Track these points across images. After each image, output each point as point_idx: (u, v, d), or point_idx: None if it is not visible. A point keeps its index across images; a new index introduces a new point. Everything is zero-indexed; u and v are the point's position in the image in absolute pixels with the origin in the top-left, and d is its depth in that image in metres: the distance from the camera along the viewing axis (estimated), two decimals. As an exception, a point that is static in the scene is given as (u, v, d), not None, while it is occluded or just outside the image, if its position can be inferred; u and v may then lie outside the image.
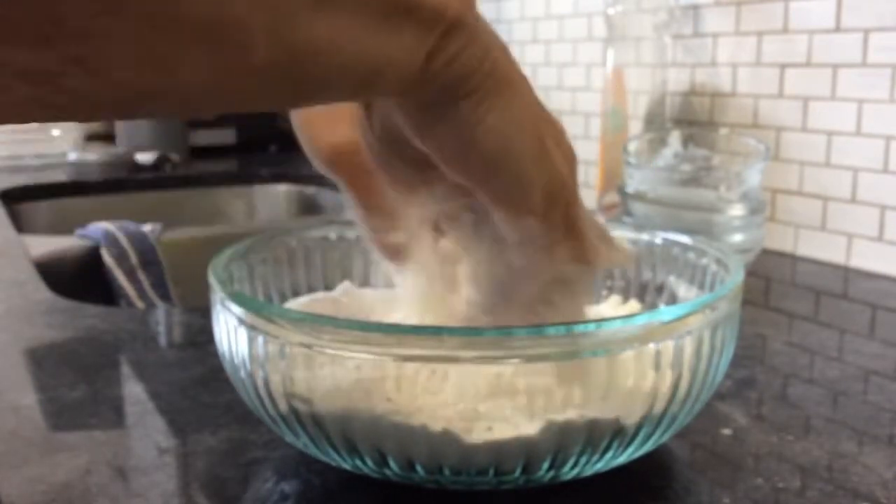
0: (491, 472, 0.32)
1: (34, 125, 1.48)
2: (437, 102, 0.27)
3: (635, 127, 0.89)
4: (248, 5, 0.21)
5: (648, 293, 0.46)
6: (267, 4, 0.21)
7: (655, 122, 0.89)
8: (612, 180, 0.87)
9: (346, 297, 0.43)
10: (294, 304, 0.43)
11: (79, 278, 0.85)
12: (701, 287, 0.42)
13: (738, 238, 0.67)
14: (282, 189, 1.40)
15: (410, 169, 0.31)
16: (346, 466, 0.34)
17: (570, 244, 0.31)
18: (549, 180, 0.29)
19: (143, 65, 0.20)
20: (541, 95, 0.30)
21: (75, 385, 0.46)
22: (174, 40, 0.20)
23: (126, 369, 0.49)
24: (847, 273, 0.73)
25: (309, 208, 1.36)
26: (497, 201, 0.30)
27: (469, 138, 0.28)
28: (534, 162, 0.29)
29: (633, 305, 0.45)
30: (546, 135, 0.29)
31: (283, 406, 0.33)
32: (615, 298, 0.47)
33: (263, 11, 0.21)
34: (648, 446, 0.34)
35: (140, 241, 0.89)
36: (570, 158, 0.31)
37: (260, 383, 0.33)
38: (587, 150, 1.04)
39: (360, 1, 0.24)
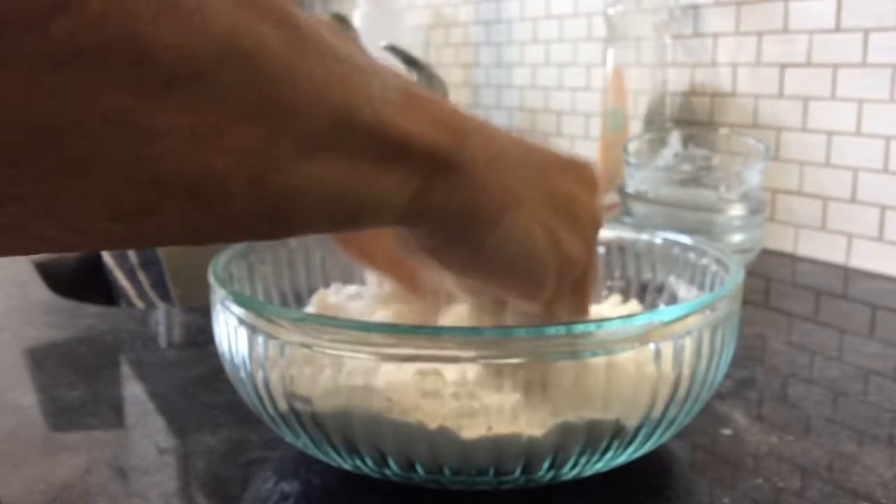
0: (491, 472, 0.32)
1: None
2: (432, 233, 0.28)
3: (635, 127, 0.89)
4: (227, 161, 0.20)
5: (648, 293, 0.46)
6: (247, 160, 0.21)
7: (655, 122, 0.89)
8: (612, 180, 0.87)
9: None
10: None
11: (79, 278, 0.85)
12: (701, 287, 0.42)
13: (738, 238, 0.67)
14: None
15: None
16: (346, 466, 0.34)
17: (571, 302, 0.33)
18: (560, 268, 0.31)
19: (114, 215, 0.20)
20: (540, 95, 0.30)
21: (75, 385, 0.46)
22: (148, 197, 0.20)
23: (126, 369, 0.49)
24: (847, 273, 0.73)
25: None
26: (511, 296, 0.32)
27: (475, 257, 0.29)
28: (542, 259, 0.30)
29: (633, 305, 0.45)
30: (556, 223, 0.30)
31: (283, 406, 0.33)
32: (615, 298, 0.47)
33: (244, 166, 0.21)
34: (648, 446, 0.34)
35: (140, 241, 0.89)
36: (591, 221, 0.32)
37: (260, 383, 0.33)
38: (587, 150, 1.04)
39: (347, 148, 0.23)
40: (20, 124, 0.17)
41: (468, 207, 0.27)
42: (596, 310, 0.45)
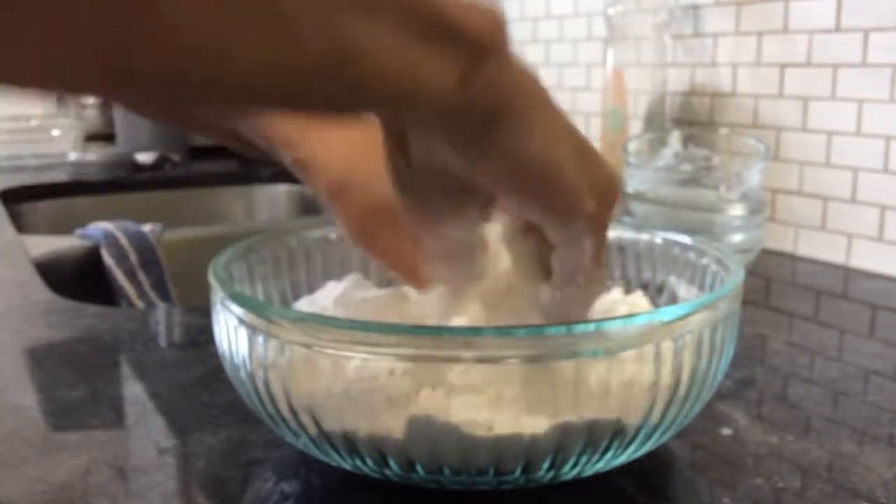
0: (491, 471, 0.32)
1: (34, 124, 1.49)
2: (480, 130, 0.28)
3: (635, 127, 0.89)
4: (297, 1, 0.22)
5: (648, 293, 0.46)
6: (315, 2, 0.23)
7: (655, 122, 0.89)
8: (612, 180, 0.86)
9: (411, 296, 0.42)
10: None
11: (79, 278, 0.85)
12: (701, 287, 0.42)
13: (738, 238, 0.67)
14: (282, 189, 1.40)
15: (444, 197, 0.32)
16: (346, 466, 0.34)
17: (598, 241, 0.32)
18: (597, 180, 0.31)
19: (196, 48, 0.21)
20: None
21: (75, 385, 0.46)
22: (229, 24, 0.21)
23: (126, 369, 0.49)
24: (847, 273, 0.73)
25: (309, 208, 1.36)
26: (551, 214, 0.31)
27: (520, 165, 0.29)
28: (580, 168, 0.30)
29: (639, 297, 0.45)
30: (582, 139, 0.31)
31: (283, 406, 0.33)
32: (618, 290, 0.46)
33: (311, 6, 0.23)
34: (648, 446, 0.34)
35: (140, 241, 0.89)
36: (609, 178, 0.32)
37: (260, 383, 0.33)
38: (587, 150, 1.04)
39: (402, 15, 0.25)
40: None
41: (508, 96, 0.28)
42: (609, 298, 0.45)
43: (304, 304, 0.43)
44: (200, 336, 0.55)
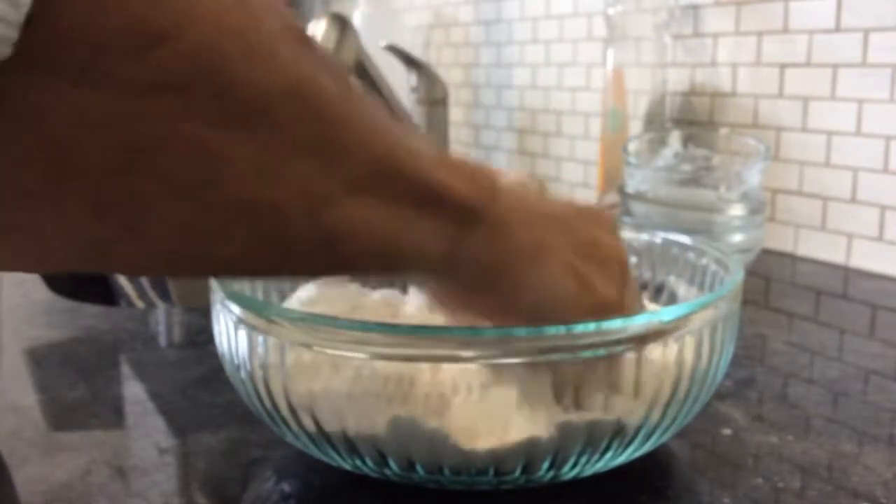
0: (491, 472, 0.32)
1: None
2: (473, 286, 0.30)
3: (635, 127, 0.89)
4: (286, 190, 0.23)
5: (648, 293, 0.46)
6: (303, 191, 0.23)
7: (655, 122, 0.89)
8: (612, 180, 0.87)
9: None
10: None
11: (79, 278, 0.85)
12: (701, 287, 0.42)
13: (738, 238, 0.67)
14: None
15: None
16: (346, 466, 0.34)
17: None
18: (594, 311, 0.31)
19: (186, 238, 0.22)
20: (540, 95, 0.31)
21: (75, 385, 0.46)
22: (216, 219, 0.22)
23: (126, 369, 0.49)
24: (847, 273, 0.73)
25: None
26: None
27: (509, 307, 0.31)
28: (575, 305, 0.31)
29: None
30: (585, 269, 0.32)
31: (283, 406, 0.33)
32: None
33: (300, 197, 0.23)
34: (648, 446, 0.34)
35: (140, 241, 0.89)
36: (618, 263, 0.33)
37: (260, 383, 0.33)
38: (587, 151, 1.04)
39: (390, 193, 0.25)
40: (114, 144, 0.19)
41: (500, 258, 0.29)
42: None
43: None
44: (200, 336, 0.55)
